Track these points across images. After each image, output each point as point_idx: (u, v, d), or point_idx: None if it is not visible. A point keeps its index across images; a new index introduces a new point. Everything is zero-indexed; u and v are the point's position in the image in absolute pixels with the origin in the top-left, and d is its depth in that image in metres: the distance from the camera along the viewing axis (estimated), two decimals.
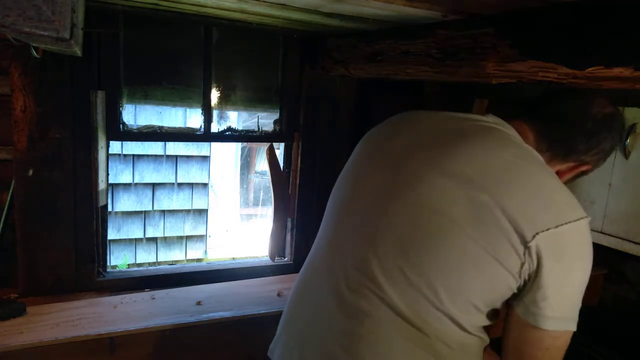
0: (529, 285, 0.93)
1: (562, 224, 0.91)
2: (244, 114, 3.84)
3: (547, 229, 0.90)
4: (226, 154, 6.01)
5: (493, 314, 1.00)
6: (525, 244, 0.90)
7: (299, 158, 2.39)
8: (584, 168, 1.12)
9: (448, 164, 0.97)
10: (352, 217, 1.08)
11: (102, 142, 1.97)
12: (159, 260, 4.10)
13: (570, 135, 1.07)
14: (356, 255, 1.03)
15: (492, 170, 0.95)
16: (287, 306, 1.22)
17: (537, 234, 0.89)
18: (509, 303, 0.98)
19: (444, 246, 0.93)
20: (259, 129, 2.36)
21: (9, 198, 1.90)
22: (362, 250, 1.02)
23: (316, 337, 1.06)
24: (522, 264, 0.91)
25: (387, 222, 1.00)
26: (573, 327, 0.95)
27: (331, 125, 2.40)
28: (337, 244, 1.09)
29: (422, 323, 0.95)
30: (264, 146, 2.43)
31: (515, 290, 0.95)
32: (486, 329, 1.02)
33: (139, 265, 3.89)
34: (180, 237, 4.20)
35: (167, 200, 4.09)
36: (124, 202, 3.92)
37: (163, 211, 4.09)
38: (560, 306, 0.93)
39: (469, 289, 0.94)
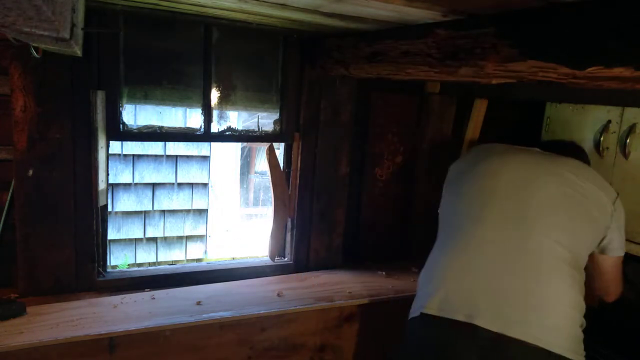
0: (606, 235, 1.60)
1: (616, 195, 1.62)
2: (244, 114, 3.84)
3: (616, 198, 1.62)
4: (226, 154, 6.01)
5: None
6: (612, 208, 1.59)
7: (299, 158, 2.39)
8: None
9: (558, 169, 1.62)
10: (504, 205, 1.59)
11: (102, 142, 1.97)
12: (159, 260, 4.10)
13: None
14: (525, 227, 1.53)
15: (581, 171, 1.65)
16: (440, 273, 1.61)
17: (614, 202, 1.60)
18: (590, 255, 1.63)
19: (581, 209, 1.56)
20: (259, 129, 2.36)
21: (9, 198, 1.90)
22: (528, 223, 1.54)
23: (499, 285, 1.49)
24: (609, 225, 1.59)
25: (540, 202, 1.55)
26: (623, 253, 1.68)
27: (331, 125, 2.40)
28: (497, 224, 1.57)
29: (575, 260, 1.53)
30: (264, 146, 2.43)
31: (598, 241, 1.62)
32: None
33: (139, 265, 3.89)
34: (180, 237, 4.21)
35: (167, 200, 4.09)
36: (124, 202, 3.92)
37: (163, 211, 4.09)
38: (620, 241, 1.65)
39: (589, 240, 1.59)
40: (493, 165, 1.70)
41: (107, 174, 2.10)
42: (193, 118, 3.83)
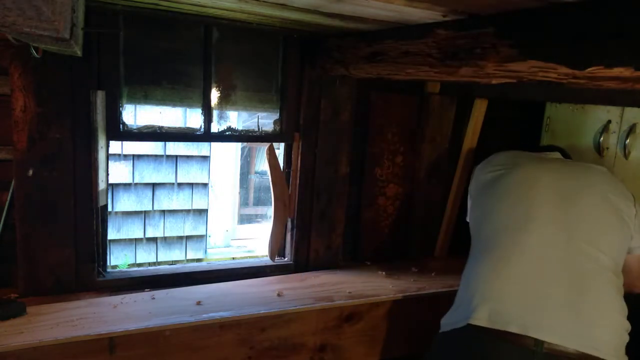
0: (633, 236, 1.63)
1: (633, 197, 1.68)
2: (244, 114, 3.84)
3: (634, 199, 1.67)
4: (226, 154, 6.00)
5: None
6: (635, 210, 1.64)
7: (299, 158, 2.39)
8: None
9: (591, 178, 1.67)
10: (547, 215, 1.59)
11: (102, 142, 1.97)
12: (159, 260, 4.10)
13: None
14: (570, 237, 1.54)
15: (607, 177, 1.73)
16: (484, 283, 1.57)
17: (635, 203, 1.65)
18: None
19: (616, 216, 1.60)
20: (259, 129, 2.36)
21: (9, 198, 1.90)
22: (573, 233, 1.55)
23: (549, 294, 1.48)
24: (635, 226, 1.63)
25: (582, 212, 1.58)
26: None
27: (331, 125, 2.40)
28: (541, 234, 1.56)
29: (616, 267, 1.56)
30: (264, 146, 2.43)
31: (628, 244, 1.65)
32: None
33: (139, 265, 3.89)
34: (180, 237, 4.20)
35: (167, 200, 4.09)
36: (124, 202, 3.92)
37: (163, 211, 4.09)
38: None
39: (625, 245, 1.61)
40: (528, 173, 1.71)
41: (107, 174, 2.10)
42: (193, 118, 3.82)
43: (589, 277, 1.49)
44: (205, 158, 4.22)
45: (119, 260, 3.91)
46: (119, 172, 3.82)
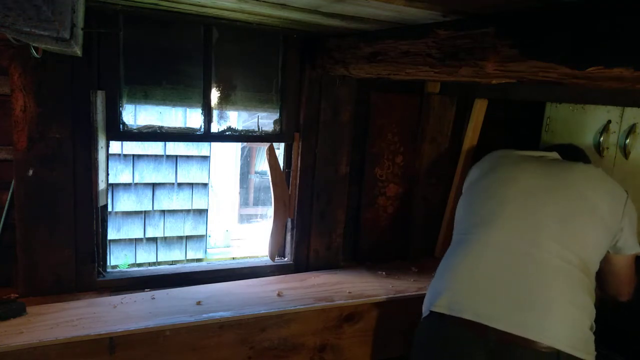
0: (617, 236, 1.63)
1: (626, 195, 1.65)
2: (244, 114, 3.84)
3: (626, 198, 1.64)
4: (226, 154, 6.00)
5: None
6: (623, 210, 1.62)
7: (299, 158, 2.39)
8: None
9: (570, 177, 1.67)
10: (514, 211, 1.63)
11: (102, 142, 1.97)
12: (159, 260, 4.10)
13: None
14: (534, 233, 1.57)
15: (592, 177, 1.71)
16: (449, 273, 1.66)
17: (625, 203, 1.63)
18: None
19: (592, 217, 1.59)
20: (259, 129, 2.36)
21: (9, 198, 1.90)
22: (538, 229, 1.57)
23: (506, 285, 1.54)
24: (621, 227, 1.62)
25: (550, 210, 1.59)
26: (639, 249, 1.69)
27: (331, 125, 2.40)
28: (506, 229, 1.61)
29: (586, 266, 1.56)
30: (264, 146, 2.43)
31: (611, 244, 1.65)
32: None
33: (139, 265, 3.88)
34: (180, 237, 4.20)
35: (167, 200, 4.09)
36: (124, 202, 3.91)
37: (163, 211, 4.09)
38: (633, 239, 1.66)
39: (602, 246, 1.62)
40: (507, 173, 1.76)
41: (107, 174, 2.10)
42: (193, 118, 3.82)
43: (552, 273, 1.52)
44: (205, 158, 4.21)
45: (119, 260, 3.90)
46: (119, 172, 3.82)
